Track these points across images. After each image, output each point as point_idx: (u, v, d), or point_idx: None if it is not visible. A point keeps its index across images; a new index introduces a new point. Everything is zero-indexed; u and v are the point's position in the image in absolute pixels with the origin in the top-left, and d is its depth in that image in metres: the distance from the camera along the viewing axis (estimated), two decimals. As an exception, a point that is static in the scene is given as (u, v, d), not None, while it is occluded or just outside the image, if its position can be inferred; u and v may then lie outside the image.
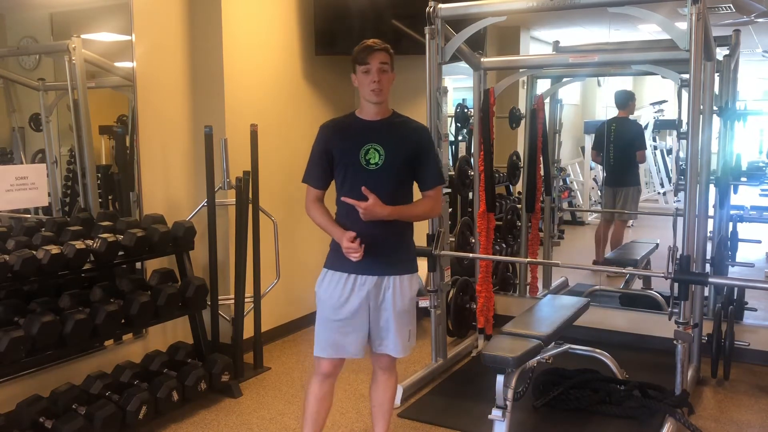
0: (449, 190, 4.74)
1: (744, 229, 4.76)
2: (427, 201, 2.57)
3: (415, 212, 2.56)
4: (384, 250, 2.47)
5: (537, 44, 7.20)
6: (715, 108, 3.92)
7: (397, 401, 3.43)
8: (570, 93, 6.81)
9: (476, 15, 3.60)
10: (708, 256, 4.08)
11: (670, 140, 8.03)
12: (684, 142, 3.25)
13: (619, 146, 5.59)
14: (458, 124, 5.75)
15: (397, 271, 2.52)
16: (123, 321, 3.12)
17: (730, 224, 4.54)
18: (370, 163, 2.44)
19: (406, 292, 2.54)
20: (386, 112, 2.52)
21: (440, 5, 3.53)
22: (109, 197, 3.79)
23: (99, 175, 3.63)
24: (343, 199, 2.45)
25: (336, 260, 2.52)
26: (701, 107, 3.21)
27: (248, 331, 3.88)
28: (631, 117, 5.77)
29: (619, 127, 5.61)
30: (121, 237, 3.15)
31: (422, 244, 3.66)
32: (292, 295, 4.58)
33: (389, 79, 2.46)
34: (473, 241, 4.55)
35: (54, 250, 2.82)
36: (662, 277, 3.00)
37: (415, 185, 2.59)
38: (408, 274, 2.56)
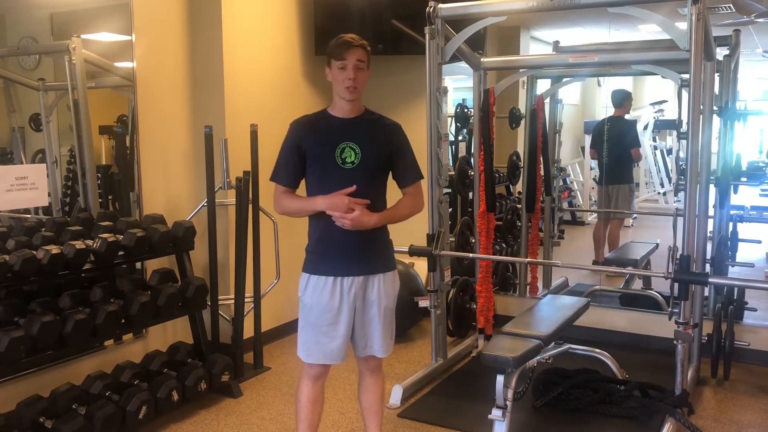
0: (449, 190, 4.76)
1: (744, 229, 4.76)
2: (409, 199, 2.55)
3: (401, 213, 2.53)
4: (365, 249, 2.45)
5: (537, 44, 7.21)
6: (715, 108, 3.91)
7: (397, 401, 3.43)
8: (570, 93, 6.81)
9: (476, 15, 3.60)
10: (708, 256, 4.08)
11: (670, 140, 8.03)
12: (684, 142, 3.26)
13: (613, 145, 5.61)
14: (458, 124, 5.75)
15: (380, 269, 2.49)
16: (123, 321, 3.12)
17: (730, 224, 4.54)
18: (346, 162, 2.39)
19: (390, 289, 2.52)
20: (359, 109, 2.48)
21: (440, 5, 3.53)
22: (109, 197, 3.79)
23: (99, 175, 3.63)
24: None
25: (317, 264, 2.47)
26: (701, 107, 3.21)
27: (248, 331, 3.88)
28: (627, 116, 5.78)
29: (612, 125, 5.64)
30: (121, 237, 3.15)
31: (422, 244, 3.67)
32: (292, 295, 4.53)
33: (364, 76, 2.41)
34: (473, 241, 4.55)
35: (54, 250, 2.82)
36: (662, 277, 3.00)
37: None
38: (390, 271, 2.54)
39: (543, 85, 5.18)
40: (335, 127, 2.44)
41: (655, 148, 8.13)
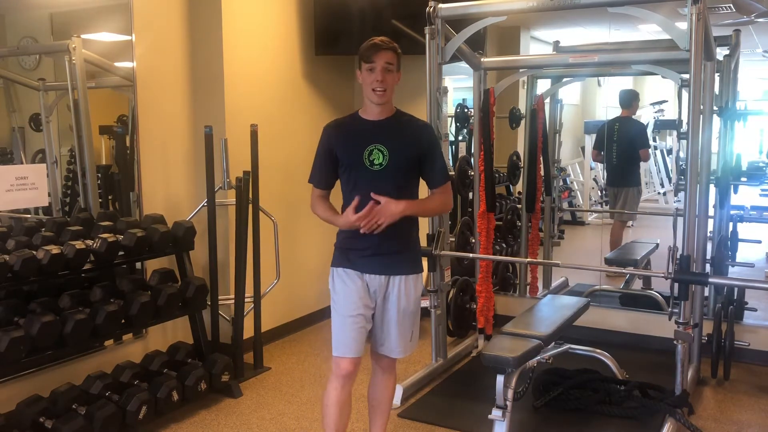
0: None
1: (744, 229, 4.76)
2: (439, 197, 2.56)
3: (430, 207, 2.60)
4: (390, 250, 2.46)
5: (537, 44, 7.21)
6: (715, 108, 3.91)
7: (397, 401, 3.43)
8: (570, 93, 6.81)
9: (476, 15, 3.60)
10: (708, 256, 4.08)
11: (670, 140, 8.03)
12: (684, 142, 3.25)
13: (622, 146, 5.58)
14: (458, 124, 5.75)
15: (403, 271, 2.50)
16: (123, 321, 3.12)
17: (730, 224, 4.54)
18: (374, 164, 2.41)
19: (411, 292, 2.52)
20: (390, 111, 2.50)
21: (440, 5, 3.52)
22: (109, 197, 3.79)
23: (99, 175, 3.63)
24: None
25: (343, 259, 2.50)
26: (701, 107, 3.21)
27: (248, 331, 3.88)
28: (633, 117, 5.77)
29: (622, 126, 5.61)
30: (121, 237, 3.15)
31: (422, 244, 3.66)
32: (292, 295, 4.58)
33: (393, 79, 2.42)
34: (473, 241, 4.55)
35: (54, 250, 2.82)
36: (662, 277, 3.00)
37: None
38: (414, 274, 2.54)
39: (543, 85, 5.17)
40: (364, 130, 2.46)
41: (655, 148, 8.12)
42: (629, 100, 5.62)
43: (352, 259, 2.47)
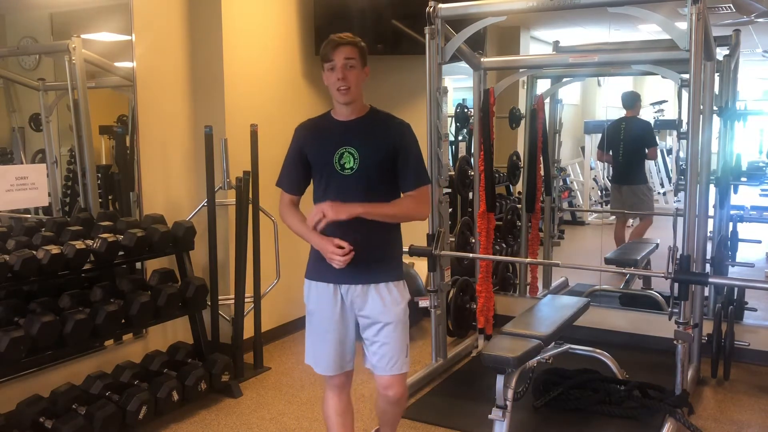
0: (449, 190, 4.75)
1: (744, 229, 4.76)
2: (408, 200, 2.31)
3: (392, 211, 2.28)
4: (367, 257, 2.25)
5: (537, 44, 7.21)
6: (715, 108, 3.91)
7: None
8: (570, 93, 6.81)
9: (476, 15, 3.60)
10: (708, 256, 4.08)
11: (670, 140, 8.03)
12: (684, 142, 3.25)
13: (630, 144, 5.61)
14: (458, 124, 5.75)
15: (381, 279, 2.30)
16: (123, 321, 3.12)
17: (730, 224, 4.54)
18: (344, 168, 2.25)
19: (397, 300, 2.31)
20: (360, 110, 2.31)
21: (440, 5, 3.52)
22: (109, 197, 3.79)
23: (99, 175, 3.63)
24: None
25: (317, 270, 2.34)
26: (701, 107, 3.21)
27: (248, 331, 3.88)
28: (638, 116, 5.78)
29: (628, 125, 5.63)
30: (121, 237, 3.15)
31: (422, 244, 3.67)
32: (292, 295, 4.57)
33: (358, 75, 2.22)
34: (473, 241, 4.55)
35: (54, 250, 2.82)
36: (662, 277, 3.00)
37: None
38: (394, 281, 2.32)
39: (543, 85, 5.17)
40: (334, 131, 2.30)
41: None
42: (632, 101, 5.66)
43: (325, 269, 2.29)
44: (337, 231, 2.23)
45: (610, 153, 5.76)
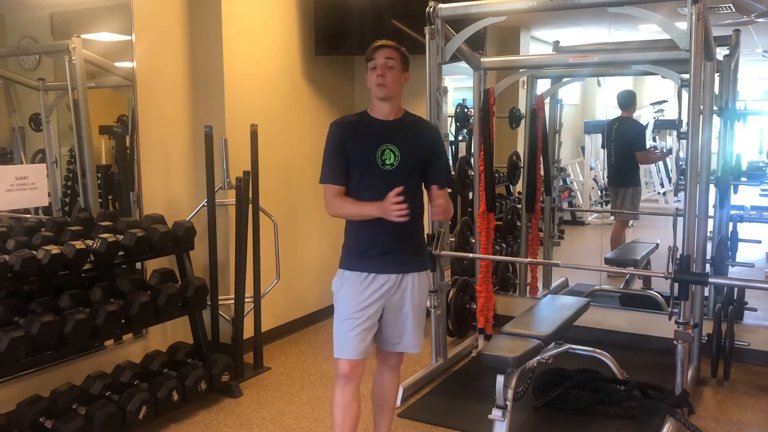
0: (449, 190, 4.75)
1: (744, 229, 4.76)
2: (446, 200, 2.55)
3: (451, 207, 2.66)
4: (402, 248, 2.49)
5: (537, 44, 7.21)
6: (715, 108, 3.92)
7: (397, 401, 3.42)
8: (570, 93, 6.81)
9: (476, 15, 3.60)
10: (708, 256, 4.08)
11: (670, 140, 8.04)
12: (684, 142, 3.25)
13: (620, 146, 5.56)
14: (458, 124, 5.75)
15: (415, 268, 2.54)
16: (123, 321, 3.12)
17: (730, 224, 4.54)
18: (385, 164, 2.45)
19: (423, 288, 2.58)
20: (399, 111, 2.53)
21: (440, 5, 3.53)
22: (109, 197, 3.79)
23: (99, 175, 3.63)
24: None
25: (353, 261, 2.50)
26: (701, 107, 3.21)
27: (248, 331, 3.88)
28: (632, 117, 5.76)
29: (620, 126, 5.58)
30: (121, 237, 3.15)
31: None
32: (292, 295, 4.58)
33: (396, 75, 2.44)
34: (473, 241, 4.55)
35: (54, 250, 2.82)
36: (662, 277, 3.00)
37: None
38: (424, 270, 2.60)
39: (543, 85, 5.17)
40: (376, 129, 2.49)
41: (655, 148, 8.13)
42: (627, 101, 5.57)
43: (364, 259, 2.47)
44: (375, 224, 2.43)
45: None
